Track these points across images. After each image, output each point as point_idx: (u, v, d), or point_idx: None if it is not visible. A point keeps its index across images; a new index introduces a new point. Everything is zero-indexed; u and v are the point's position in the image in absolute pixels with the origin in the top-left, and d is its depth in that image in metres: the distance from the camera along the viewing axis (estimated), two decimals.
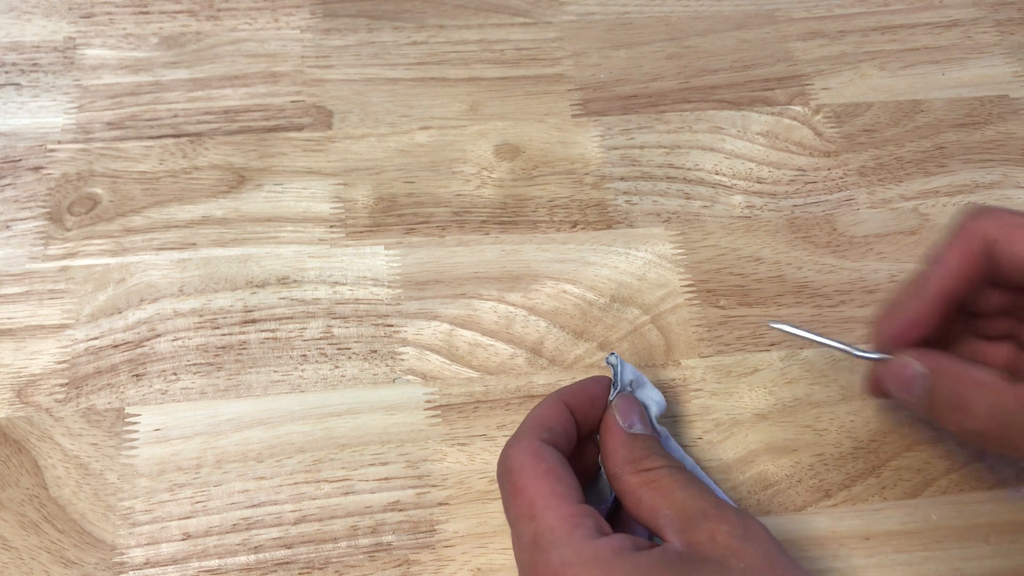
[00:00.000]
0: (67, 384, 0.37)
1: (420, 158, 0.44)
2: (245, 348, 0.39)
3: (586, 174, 0.44)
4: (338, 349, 0.39)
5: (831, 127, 0.47)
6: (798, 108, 0.47)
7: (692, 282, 0.41)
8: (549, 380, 0.38)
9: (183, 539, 0.34)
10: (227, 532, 0.35)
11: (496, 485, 0.36)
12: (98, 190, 0.42)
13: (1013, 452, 0.30)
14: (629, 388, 0.34)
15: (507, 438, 0.37)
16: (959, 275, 0.31)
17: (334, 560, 0.34)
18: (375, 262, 0.41)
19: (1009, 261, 0.29)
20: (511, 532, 0.30)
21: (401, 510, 0.35)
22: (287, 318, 0.39)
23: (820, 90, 0.48)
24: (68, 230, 0.41)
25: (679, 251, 0.42)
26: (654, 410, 0.34)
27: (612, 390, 0.34)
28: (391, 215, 0.43)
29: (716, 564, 0.27)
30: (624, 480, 0.30)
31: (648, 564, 0.27)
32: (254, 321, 0.39)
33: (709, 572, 0.26)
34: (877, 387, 0.35)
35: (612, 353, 0.35)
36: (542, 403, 0.32)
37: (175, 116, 0.45)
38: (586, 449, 0.34)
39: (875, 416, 0.38)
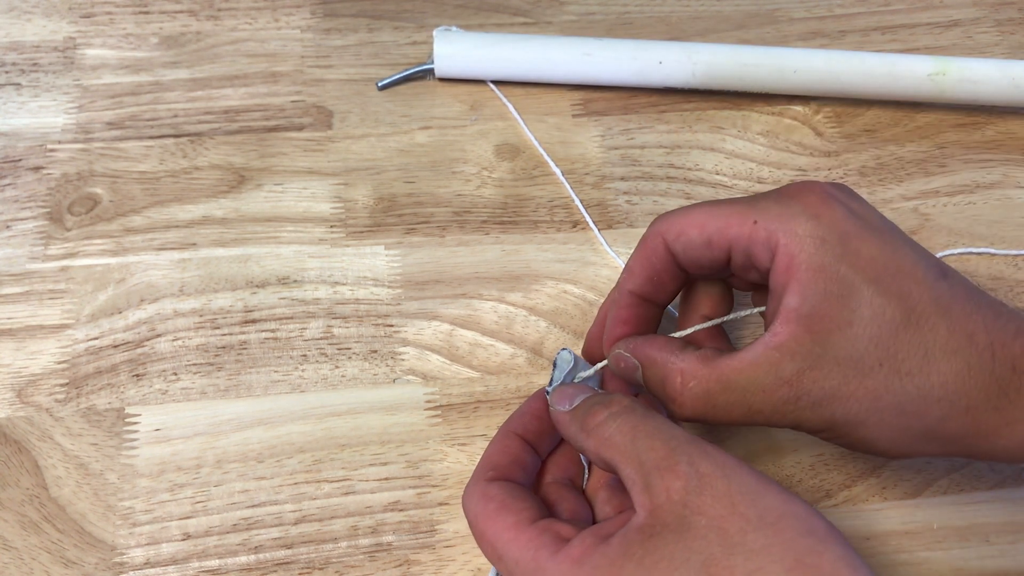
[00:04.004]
0: (67, 384, 0.37)
1: (420, 158, 0.44)
2: (245, 348, 0.39)
3: (586, 174, 0.44)
4: (338, 349, 0.39)
5: (831, 127, 0.47)
6: (798, 108, 0.47)
7: None
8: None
9: (183, 539, 0.34)
10: (227, 532, 0.35)
11: None
12: (98, 190, 0.42)
13: (733, 425, 0.31)
14: (570, 380, 0.34)
15: None
16: (641, 275, 0.33)
17: (334, 560, 0.34)
18: (375, 262, 0.41)
19: (679, 252, 0.32)
20: None
21: (401, 510, 0.35)
22: (287, 318, 0.39)
23: None
24: (68, 230, 0.41)
25: None
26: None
27: (549, 387, 0.34)
28: (391, 215, 0.43)
29: (676, 531, 0.26)
30: (586, 450, 0.30)
31: (608, 562, 0.26)
32: (254, 321, 0.39)
33: (672, 545, 0.26)
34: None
35: (565, 349, 0.35)
36: (490, 442, 0.33)
37: (175, 116, 0.45)
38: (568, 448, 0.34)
39: None
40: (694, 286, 0.35)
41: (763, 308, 0.33)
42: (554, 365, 0.34)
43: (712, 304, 0.35)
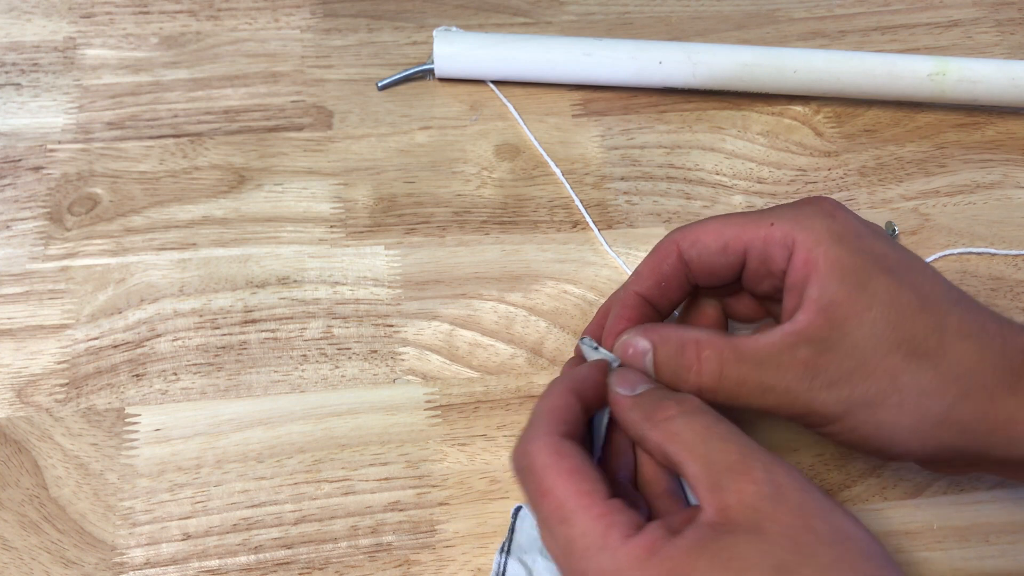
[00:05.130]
0: (67, 384, 0.37)
1: (420, 158, 0.44)
2: (245, 348, 0.39)
3: (586, 174, 0.44)
4: (338, 349, 0.39)
5: (831, 127, 0.47)
6: (798, 108, 0.47)
7: None
8: (549, 380, 0.38)
9: (183, 539, 0.34)
10: (227, 532, 0.35)
11: (496, 485, 0.36)
12: (98, 190, 0.42)
13: (746, 406, 0.31)
14: (616, 365, 0.33)
15: (508, 438, 0.37)
16: (650, 279, 0.34)
17: (334, 560, 0.34)
18: (375, 262, 0.41)
19: (693, 260, 0.33)
20: (539, 524, 0.29)
21: (401, 510, 0.35)
22: (287, 318, 0.39)
23: None
24: (68, 230, 0.41)
25: None
26: None
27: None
28: (391, 215, 0.43)
29: (750, 533, 0.26)
30: (647, 440, 0.29)
31: (681, 556, 0.26)
32: (254, 321, 0.39)
33: (744, 544, 0.26)
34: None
35: (586, 337, 0.34)
36: (550, 394, 0.31)
37: (175, 116, 0.45)
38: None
39: None
40: (693, 303, 0.36)
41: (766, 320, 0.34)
42: (593, 347, 0.34)
43: (708, 323, 0.36)
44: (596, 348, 0.33)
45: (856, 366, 0.29)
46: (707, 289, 0.35)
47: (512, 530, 0.34)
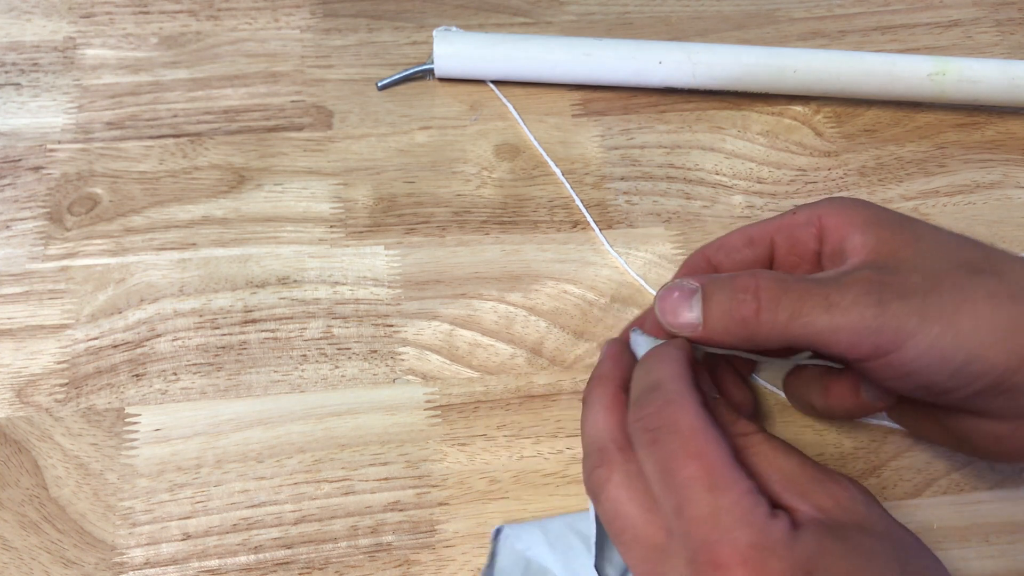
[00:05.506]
0: (67, 384, 0.37)
1: (420, 158, 0.44)
2: (245, 348, 0.39)
3: (586, 174, 0.44)
4: (338, 349, 0.39)
5: (831, 127, 0.47)
6: (798, 108, 0.47)
7: None
8: (549, 380, 0.38)
9: (183, 539, 0.34)
10: (227, 532, 0.35)
11: (496, 485, 0.36)
12: (98, 190, 0.42)
13: (809, 336, 0.28)
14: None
15: (508, 438, 0.37)
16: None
17: (334, 560, 0.34)
18: (375, 262, 0.41)
19: (721, 262, 0.33)
20: (659, 493, 0.27)
21: (401, 510, 0.35)
22: (287, 318, 0.39)
23: None
24: (68, 230, 0.41)
25: (679, 251, 0.42)
26: None
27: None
28: (391, 215, 0.43)
29: (861, 529, 0.26)
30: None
31: (818, 541, 0.25)
32: (254, 321, 0.39)
33: (863, 537, 0.26)
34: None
35: (635, 329, 0.33)
36: (670, 359, 0.29)
37: (175, 116, 0.45)
38: None
39: (875, 416, 0.38)
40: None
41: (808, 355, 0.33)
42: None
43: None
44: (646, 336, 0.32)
45: (922, 280, 0.28)
46: None
47: (493, 554, 0.34)
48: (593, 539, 0.31)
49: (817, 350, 0.29)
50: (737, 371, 0.36)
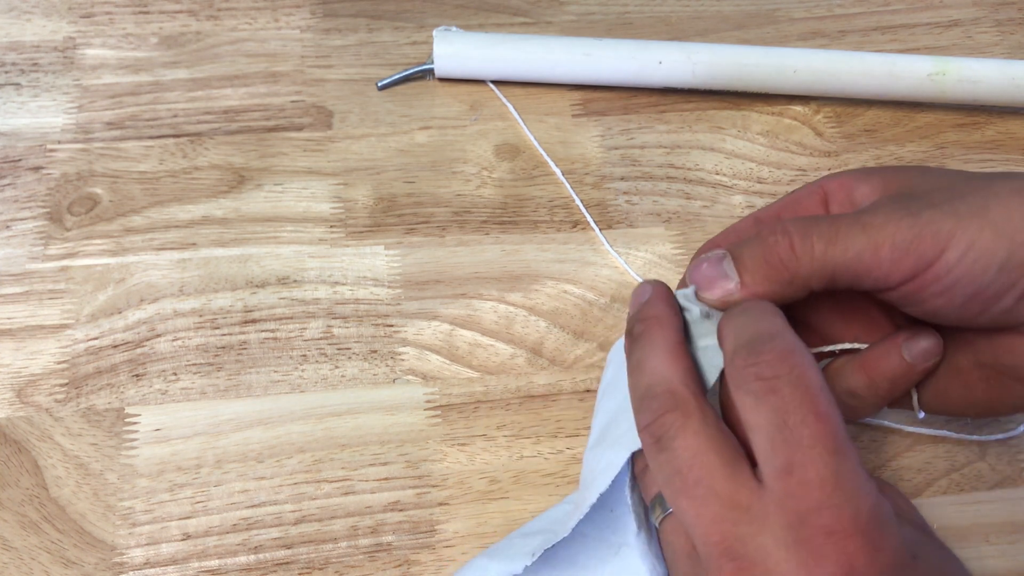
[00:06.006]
0: (67, 384, 0.37)
1: (420, 158, 0.44)
2: (245, 348, 0.39)
3: (586, 174, 0.44)
4: (338, 349, 0.39)
5: (831, 127, 0.47)
6: (798, 108, 0.47)
7: None
8: (549, 380, 0.38)
9: (183, 539, 0.34)
10: (227, 532, 0.35)
11: (496, 485, 0.36)
12: (98, 190, 0.42)
13: (844, 264, 0.27)
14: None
15: (508, 438, 0.37)
16: (727, 239, 0.32)
17: (334, 560, 0.34)
18: (375, 262, 0.41)
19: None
20: (761, 445, 0.25)
21: (401, 510, 0.35)
22: (287, 318, 0.39)
23: None
24: (68, 230, 0.41)
25: (679, 251, 0.42)
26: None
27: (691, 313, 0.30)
28: (391, 215, 0.43)
29: (930, 536, 0.27)
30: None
31: (912, 531, 0.25)
32: (254, 321, 0.39)
33: (938, 543, 0.26)
34: None
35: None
36: (767, 312, 0.27)
37: (175, 116, 0.45)
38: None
39: (876, 416, 0.38)
40: None
41: (862, 345, 0.32)
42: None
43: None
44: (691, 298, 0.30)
45: (946, 192, 0.27)
46: None
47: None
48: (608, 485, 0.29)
49: (859, 280, 0.28)
50: None
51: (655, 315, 0.29)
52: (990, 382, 0.31)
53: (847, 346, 0.33)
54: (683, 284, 0.31)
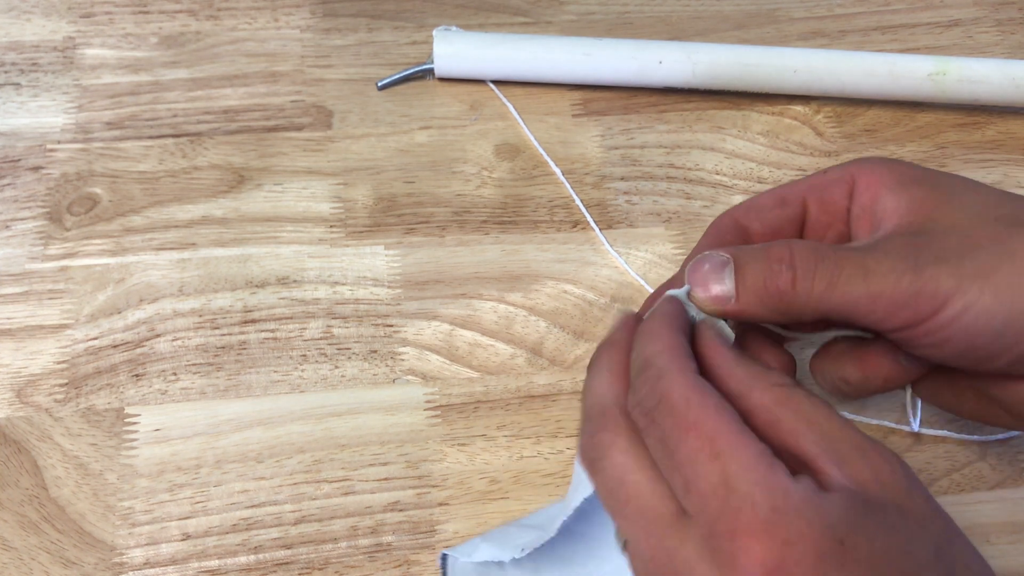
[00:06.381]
0: (67, 384, 0.37)
1: (420, 158, 0.44)
2: (245, 348, 0.39)
3: (586, 174, 0.44)
4: (338, 349, 0.39)
5: (832, 127, 0.47)
6: (798, 108, 0.47)
7: None
8: (549, 380, 0.38)
9: (183, 539, 0.34)
10: (227, 532, 0.35)
11: (496, 485, 0.36)
12: (98, 190, 0.42)
13: (845, 306, 0.27)
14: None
15: (508, 438, 0.37)
16: (711, 247, 0.31)
17: (334, 560, 0.34)
18: (375, 262, 0.41)
19: (750, 224, 0.31)
20: (666, 473, 0.25)
21: (401, 510, 0.35)
22: (287, 318, 0.39)
23: None
24: (68, 230, 0.41)
25: (679, 251, 0.42)
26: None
27: (689, 310, 0.29)
28: (391, 215, 0.43)
29: (897, 509, 0.24)
30: (752, 398, 0.26)
31: (849, 510, 0.24)
32: (254, 321, 0.39)
33: (900, 518, 0.24)
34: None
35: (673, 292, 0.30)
36: (658, 334, 0.27)
37: (175, 116, 0.45)
38: None
39: (876, 416, 0.38)
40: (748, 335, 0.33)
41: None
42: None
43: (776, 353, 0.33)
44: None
45: (957, 241, 0.27)
46: None
47: None
48: (569, 512, 0.29)
49: (854, 321, 0.28)
50: (771, 336, 0.33)
51: (608, 341, 0.29)
52: (980, 401, 0.32)
53: (849, 333, 0.32)
54: (680, 278, 0.31)
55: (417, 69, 0.46)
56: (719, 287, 0.28)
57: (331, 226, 0.42)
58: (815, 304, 0.27)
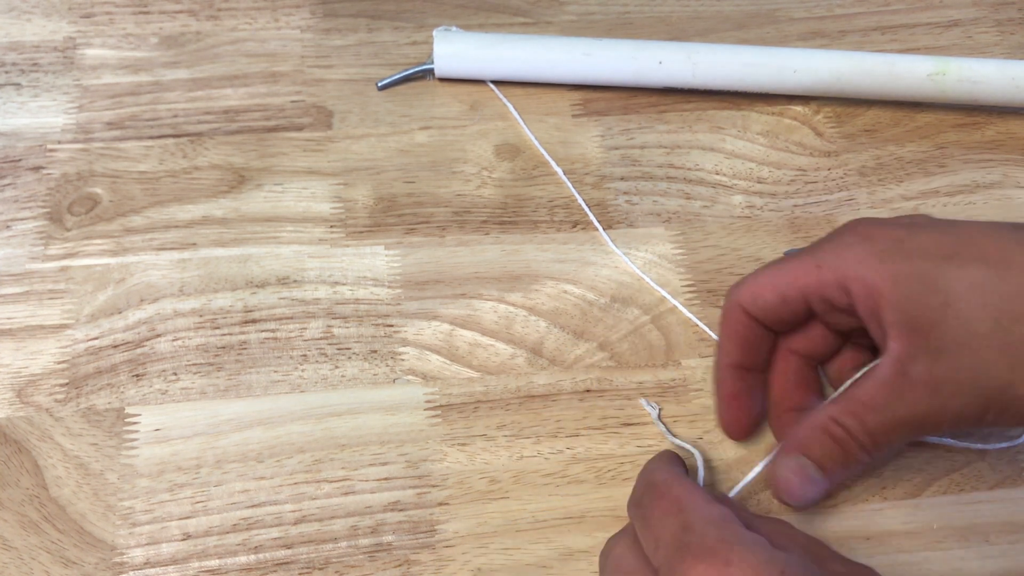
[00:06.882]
0: (67, 384, 0.37)
1: (420, 158, 0.44)
2: (245, 348, 0.39)
3: (586, 174, 0.44)
4: (338, 349, 0.39)
5: (831, 127, 0.47)
6: (798, 108, 0.47)
7: (692, 282, 0.41)
8: (549, 380, 0.38)
9: (183, 539, 0.34)
10: (227, 532, 0.35)
11: (496, 485, 0.36)
12: (98, 190, 0.42)
13: (906, 440, 0.32)
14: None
15: (508, 438, 0.37)
16: (734, 348, 0.35)
17: (334, 560, 0.34)
18: (375, 262, 0.41)
19: (760, 316, 0.34)
20: (645, 543, 0.29)
21: (401, 510, 0.35)
22: (287, 318, 0.39)
23: None
24: (68, 230, 0.41)
25: (679, 251, 0.42)
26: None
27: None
28: (391, 215, 0.43)
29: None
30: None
31: (789, 557, 0.27)
32: (254, 321, 0.39)
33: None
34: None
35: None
36: (655, 469, 0.32)
37: (175, 116, 0.45)
38: None
39: None
40: (779, 366, 0.36)
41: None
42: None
43: (811, 343, 0.36)
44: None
45: (971, 358, 0.29)
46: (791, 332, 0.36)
47: None
48: None
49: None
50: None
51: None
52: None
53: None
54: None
55: (417, 69, 0.46)
56: (814, 489, 0.33)
57: (331, 226, 0.42)
58: (873, 448, 0.32)
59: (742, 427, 0.36)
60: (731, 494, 0.35)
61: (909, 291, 0.30)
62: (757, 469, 0.35)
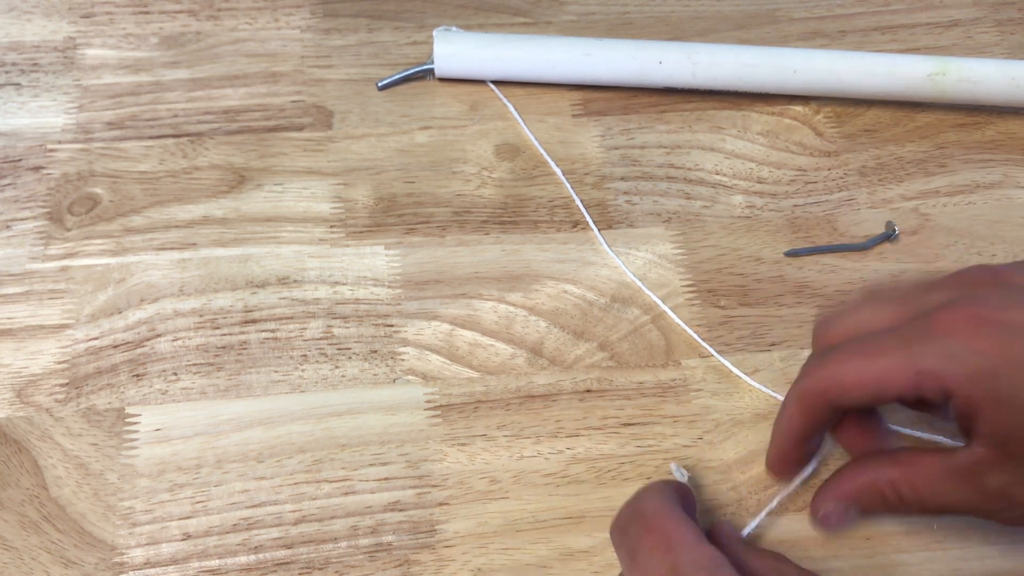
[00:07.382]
0: (67, 384, 0.37)
1: (420, 158, 0.44)
2: (245, 348, 0.39)
3: (586, 174, 0.44)
4: (338, 349, 0.39)
5: (832, 127, 0.47)
6: (798, 108, 0.47)
7: (692, 282, 0.41)
8: (549, 380, 0.38)
9: (183, 539, 0.34)
10: (227, 532, 0.35)
11: (496, 485, 0.36)
12: (98, 190, 0.42)
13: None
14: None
15: (508, 438, 0.37)
16: (803, 428, 0.34)
17: (334, 560, 0.34)
18: (375, 262, 0.41)
19: (844, 407, 0.33)
20: (639, 561, 0.29)
21: (401, 510, 0.35)
22: (287, 318, 0.39)
23: None
24: (68, 230, 0.41)
25: (679, 251, 0.42)
26: None
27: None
28: (391, 215, 0.43)
29: None
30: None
31: None
32: (254, 321, 0.39)
33: None
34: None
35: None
36: (648, 496, 0.32)
37: (175, 116, 0.45)
38: None
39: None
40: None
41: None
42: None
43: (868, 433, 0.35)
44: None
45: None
46: None
47: None
48: None
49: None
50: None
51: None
52: None
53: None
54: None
55: (417, 69, 0.46)
56: (850, 523, 0.34)
57: (331, 226, 0.42)
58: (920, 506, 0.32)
59: (792, 474, 0.36)
60: (744, 533, 0.34)
61: (1011, 420, 0.29)
62: (771, 505, 0.35)
